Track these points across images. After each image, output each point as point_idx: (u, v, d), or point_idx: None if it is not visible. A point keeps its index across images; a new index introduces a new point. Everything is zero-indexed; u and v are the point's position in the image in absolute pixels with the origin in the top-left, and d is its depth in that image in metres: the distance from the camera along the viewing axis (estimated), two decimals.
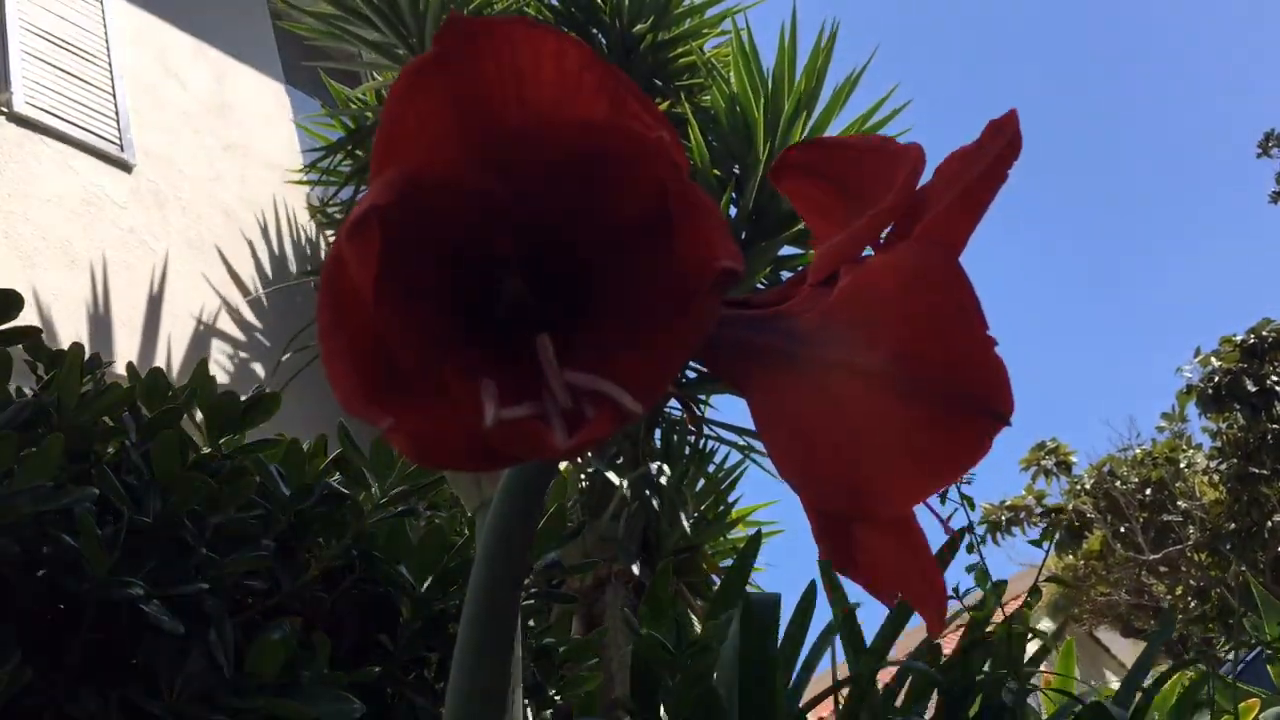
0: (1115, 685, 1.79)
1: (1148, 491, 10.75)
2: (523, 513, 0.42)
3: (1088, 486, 11.17)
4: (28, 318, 1.06)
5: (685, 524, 3.76)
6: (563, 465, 1.51)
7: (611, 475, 3.63)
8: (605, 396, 0.32)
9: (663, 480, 3.70)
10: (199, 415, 1.13)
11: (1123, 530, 10.69)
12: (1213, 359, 10.16)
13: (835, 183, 0.45)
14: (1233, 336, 10.15)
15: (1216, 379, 9.97)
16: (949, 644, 1.79)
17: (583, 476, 3.73)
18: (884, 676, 1.64)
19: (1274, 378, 9.77)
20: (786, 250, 4.32)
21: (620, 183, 0.35)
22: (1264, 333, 9.97)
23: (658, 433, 4.14)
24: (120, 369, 1.20)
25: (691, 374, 3.53)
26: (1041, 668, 2.19)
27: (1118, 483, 10.87)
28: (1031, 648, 1.86)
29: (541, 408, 0.33)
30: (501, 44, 0.33)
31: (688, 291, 0.34)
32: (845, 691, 1.56)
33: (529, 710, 1.23)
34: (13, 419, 0.98)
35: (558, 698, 1.30)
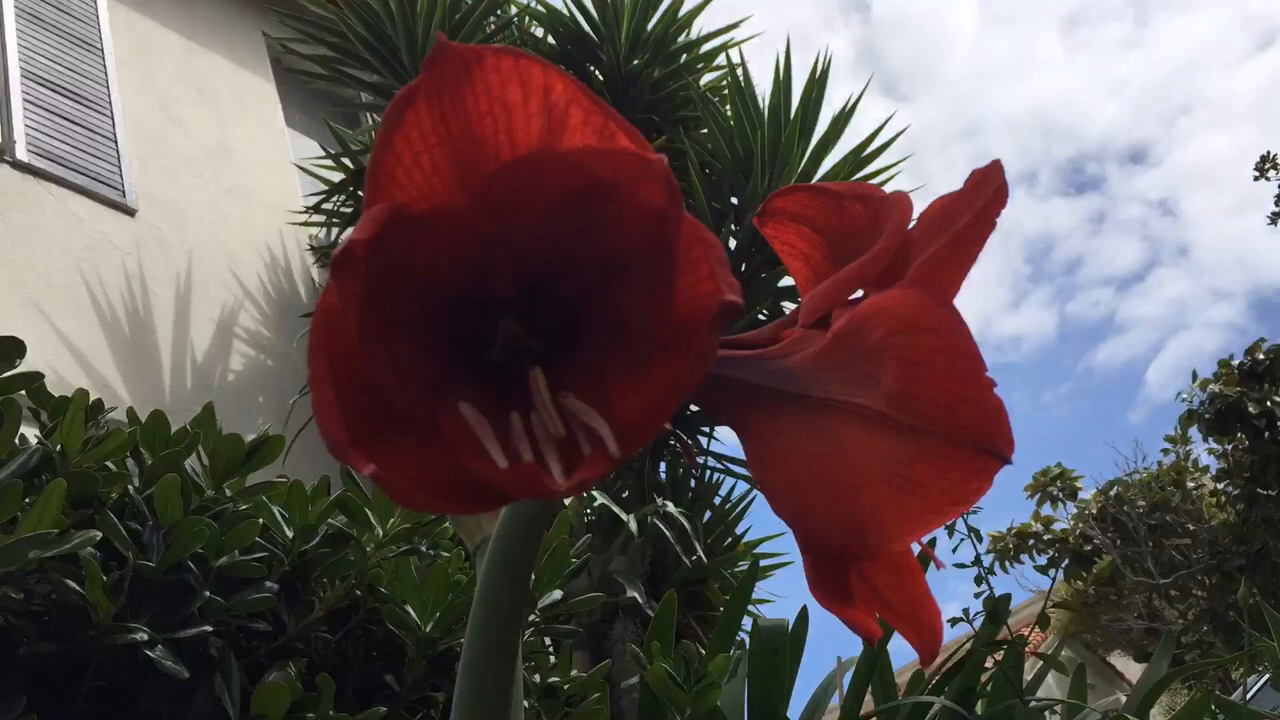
0: None
1: (1155, 515, 10.70)
2: (520, 551, 0.41)
3: (1094, 512, 11.12)
4: (30, 364, 1.06)
5: (696, 555, 3.75)
6: (567, 501, 1.51)
7: (618, 509, 3.62)
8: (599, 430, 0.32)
9: (670, 513, 3.69)
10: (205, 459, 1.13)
11: (1129, 554, 10.63)
12: (1211, 383, 10.12)
13: (820, 229, 0.45)
14: (1229, 359, 10.12)
15: (1216, 403, 9.93)
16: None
17: (589, 511, 3.72)
18: None
19: (1276, 398, 9.73)
20: (788, 281, 4.33)
21: (615, 215, 0.34)
22: (1259, 354, 9.94)
23: (663, 466, 4.14)
24: (124, 414, 1.20)
25: (695, 407, 3.53)
26: (1054, 692, 2.18)
27: (1125, 507, 10.81)
28: (1046, 677, 1.85)
29: (536, 447, 0.33)
30: (490, 74, 0.33)
31: (688, 327, 0.33)
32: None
33: None
34: (20, 468, 0.98)
35: None
